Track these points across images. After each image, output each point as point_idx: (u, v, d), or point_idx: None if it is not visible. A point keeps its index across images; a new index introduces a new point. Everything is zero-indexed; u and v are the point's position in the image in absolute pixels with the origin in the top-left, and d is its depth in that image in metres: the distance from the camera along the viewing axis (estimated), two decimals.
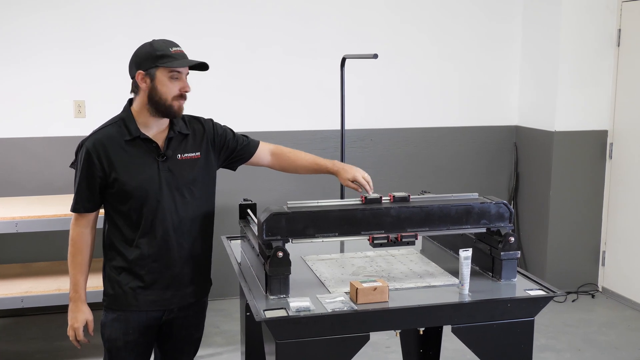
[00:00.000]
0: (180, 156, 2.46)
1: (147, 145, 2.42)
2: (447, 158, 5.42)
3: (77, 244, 2.47)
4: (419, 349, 3.19)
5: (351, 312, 2.25)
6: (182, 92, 2.41)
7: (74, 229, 2.48)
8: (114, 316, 2.49)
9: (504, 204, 2.60)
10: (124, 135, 2.40)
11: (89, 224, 2.49)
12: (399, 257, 2.92)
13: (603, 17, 5.03)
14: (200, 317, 2.68)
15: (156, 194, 2.41)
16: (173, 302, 2.52)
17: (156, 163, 2.42)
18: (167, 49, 2.38)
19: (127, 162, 2.39)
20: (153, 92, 2.38)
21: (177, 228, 2.46)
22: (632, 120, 5.00)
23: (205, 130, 2.57)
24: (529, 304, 2.42)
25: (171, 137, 2.45)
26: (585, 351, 4.26)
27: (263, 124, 5.02)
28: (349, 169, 2.68)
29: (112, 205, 2.45)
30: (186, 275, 2.52)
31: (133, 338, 2.49)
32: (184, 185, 2.46)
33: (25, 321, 4.63)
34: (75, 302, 2.50)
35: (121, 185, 2.39)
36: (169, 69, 2.37)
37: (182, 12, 4.75)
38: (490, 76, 5.45)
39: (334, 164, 2.72)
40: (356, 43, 5.04)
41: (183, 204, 2.46)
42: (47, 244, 4.66)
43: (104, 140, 2.39)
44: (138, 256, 2.44)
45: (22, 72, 4.57)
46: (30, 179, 4.62)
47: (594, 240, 5.31)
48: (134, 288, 2.46)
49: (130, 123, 2.41)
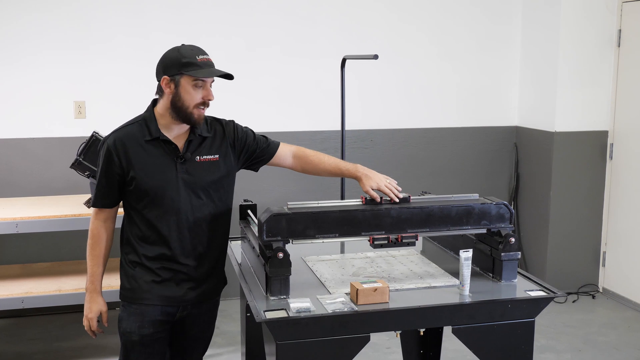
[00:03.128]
0: (199, 158, 2.49)
1: (167, 146, 2.46)
2: (447, 159, 5.42)
3: (95, 237, 2.53)
4: (420, 350, 3.19)
5: (351, 312, 2.25)
6: (205, 99, 2.44)
7: (93, 222, 2.53)
8: (130, 310, 2.53)
9: (505, 205, 2.60)
10: (144, 135, 2.44)
11: (108, 219, 2.54)
12: (399, 257, 2.92)
13: (603, 18, 5.03)
14: (212, 316, 2.71)
15: (173, 194, 2.45)
16: (186, 299, 2.54)
17: (174, 164, 2.46)
18: (193, 57, 2.40)
19: (146, 162, 2.43)
20: (176, 98, 2.41)
21: (193, 228, 2.49)
22: (632, 121, 5.00)
23: (226, 132, 2.58)
24: (530, 304, 2.42)
25: (191, 139, 2.48)
26: (586, 352, 4.26)
27: (263, 124, 5.00)
28: (372, 176, 2.62)
29: (129, 202, 2.49)
30: (200, 273, 2.55)
31: (148, 332, 2.51)
32: (201, 187, 2.49)
33: (25, 322, 4.63)
34: (91, 292, 2.56)
35: (138, 184, 2.43)
36: (194, 77, 2.40)
37: (182, 12, 4.75)
38: (490, 77, 5.45)
39: (357, 169, 2.66)
40: (356, 43, 5.04)
41: (199, 205, 2.49)
42: (47, 244, 4.66)
43: (124, 139, 2.44)
44: (153, 253, 2.48)
45: (22, 73, 4.57)
46: (31, 179, 4.62)
47: (594, 240, 5.31)
48: (148, 282, 2.49)
49: (151, 123, 2.45)
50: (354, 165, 2.68)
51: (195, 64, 2.40)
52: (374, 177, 2.61)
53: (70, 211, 3.86)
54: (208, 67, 2.44)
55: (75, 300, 3.84)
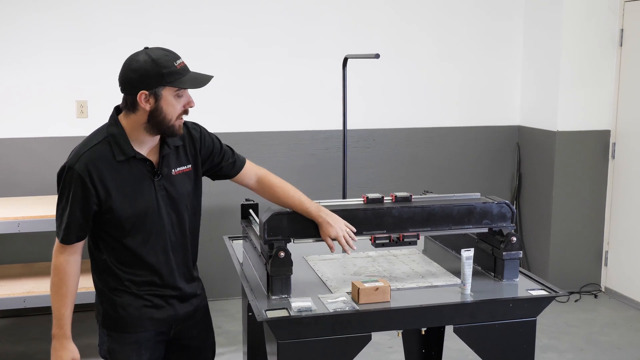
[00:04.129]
0: (175, 171, 2.28)
1: (142, 164, 2.21)
2: (449, 158, 5.42)
3: (61, 274, 2.25)
4: (421, 349, 3.19)
5: (353, 312, 2.25)
6: (185, 107, 2.20)
7: (59, 257, 2.26)
8: (122, 340, 2.32)
9: (506, 204, 2.60)
10: (116, 155, 2.16)
11: (77, 251, 2.26)
12: (400, 257, 2.92)
13: (605, 17, 5.02)
14: (207, 321, 2.53)
15: (154, 216, 2.23)
16: (178, 318, 2.36)
17: (152, 183, 2.22)
18: (172, 65, 2.13)
19: (124, 185, 2.18)
20: (156, 112, 2.14)
21: (175, 245, 2.31)
22: (634, 120, 4.99)
23: (193, 137, 2.35)
24: (531, 303, 2.42)
25: (166, 153, 2.26)
26: (588, 351, 4.25)
27: (264, 124, 5.02)
28: (333, 224, 2.42)
29: (107, 230, 2.23)
30: (186, 290, 2.37)
31: (147, 357, 2.34)
32: (180, 200, 2.29)
33: (27, 321, 4.63)
34: (60, 339, 2.31)
35: (117, 213, 2.18)
36: (177, 88, 2.15)
37: (183, 12, 4.75)
38: (492, 76, 5.44)
39: (320, 214, 2.43)
40: (358, 43, 5.04)
41: (179, 221, 2.30)
42: (49, 244, 4.58)
43: (97, 162, 2.14)
44: (140, 279, 2.27)
45: (25, 72, 4.57)
46: (33, 179, 4.63)
47: (596, 240, 5.30)
48: (138, 308, 2.28)
49: (121, 141, 2.17)
50: (317, 209, 2.44)
51: (176, 73, 2.13)
52: (335, 225, 2.42)
53: None
54: (187, 73, 2.17)
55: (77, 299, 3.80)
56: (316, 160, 5.12)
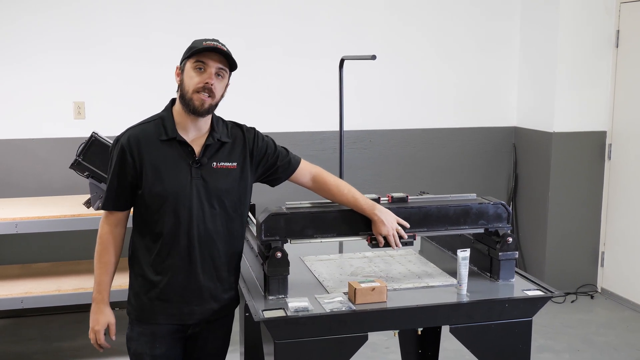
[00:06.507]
0: (216, 164, 2.33)
1: (183, 148, 2.31)
2: (445, 159, 5.43)
3: (104, 243, 2.36)
4: (418, 349, 3.19)
5: (349, 312, 2.26)
6: (203, 83, 2.27)
7: (103, 226, 2.37)
8: (139, 329, 2.38)
9: (502, 205, 2.61)
10: (160, 135, 2.30)
11: (119, 223, 2.38)
12: (397, 257, 2.93)
13: (601, 18, 5.03)
14: (226, 332, 2.53)
15: (185, 201, 2.28)
16: (193, 317, 2.37)
17: (189, 169, 2.30)
18: (199, 43, 2.29)
19: (159, 163, 2.28)
20: (182, 86, 2.29)
21: (203, 240, 2.32)
22: (630, 121, 5.00)
23: (246, 139, 2.42)
24: (527, 304, 2.42)
25: (209, 143, 2.33)
26: (584, 352, 4.26)
27: (261, 125, 4.94)
28: (387, 224, 2.46)
29: (138, 210, 2.34)
30: (208, 290, 2.36)
31: (160, 352, 2.37)
32: (215, 195, 2.32)
33: (24, 322, 4.63)
34: (98, 303, 2.39)
35: (149, 186, 2.28)
36: (194, 59, 2.27)
37: (182, 12, 4.75)
38: (488, 77, 5.45)
39: (374, 212, 2.47)
40: (354, 44, 5.05)
41: (212, 215, 2.32)
42: (46, 244, 4.66)
43: (140, 137, 2.29)
44: (158, 267, 2.32)
45: (22, 73, 4.57)
46: (30, 179, 4.63)
47: (593, 241, 5.32)
48: (152, 299, 2.33)
49: (168, 123, 2.32)
50: (371, 207, 2.48)
51: (199, 48, 2.28)
52: (387, 223, 2.46)
53: (70, 211, 3.87)
54: (209, 48, 2.29)
55: (75, 300, 3.85)
56: (313, 161, 5.07)
